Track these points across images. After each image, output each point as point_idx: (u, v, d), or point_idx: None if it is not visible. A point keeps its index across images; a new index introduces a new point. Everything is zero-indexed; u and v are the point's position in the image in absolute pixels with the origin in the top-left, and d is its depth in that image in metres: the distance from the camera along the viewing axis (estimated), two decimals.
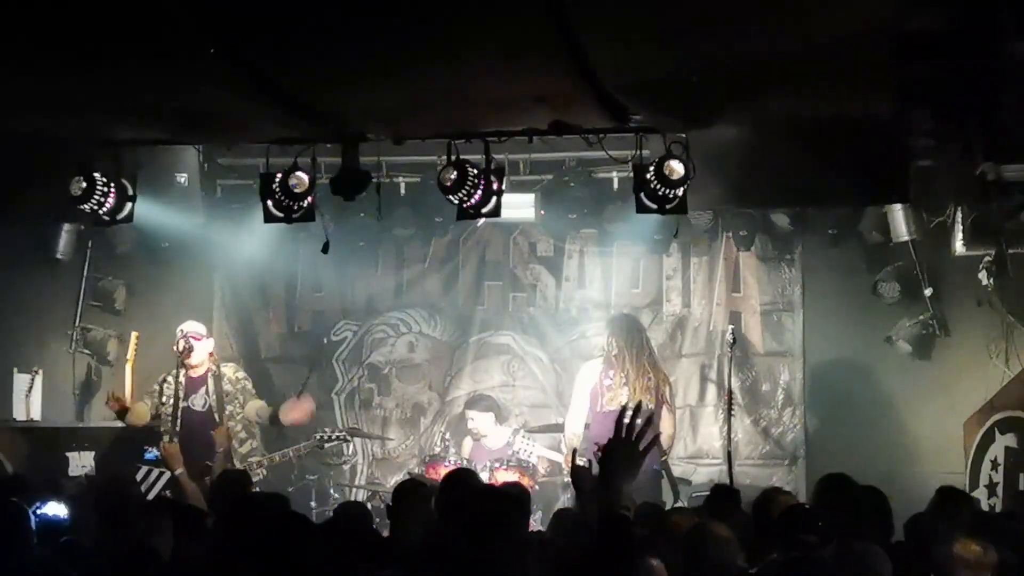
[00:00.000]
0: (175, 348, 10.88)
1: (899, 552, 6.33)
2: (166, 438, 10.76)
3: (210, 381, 11.00)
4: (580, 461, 8.43)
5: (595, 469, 4.40)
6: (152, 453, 10.60)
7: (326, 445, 11.22)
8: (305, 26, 6.93)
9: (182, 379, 10.92)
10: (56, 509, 6.57)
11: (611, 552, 4.04)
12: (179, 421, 10.78)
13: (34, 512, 6.50)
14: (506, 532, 4.61)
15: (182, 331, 10.99)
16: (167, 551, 6.18)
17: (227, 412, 10.91)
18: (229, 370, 11.17)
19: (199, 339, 11.03)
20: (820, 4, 6.88)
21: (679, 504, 10.21)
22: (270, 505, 6.23)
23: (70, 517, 6.86)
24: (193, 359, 10.94)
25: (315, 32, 7.01)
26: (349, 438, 11.64)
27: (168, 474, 10.71)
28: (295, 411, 11.05)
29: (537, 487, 10.83)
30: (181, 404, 10.84)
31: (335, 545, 5.67)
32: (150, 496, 10.59)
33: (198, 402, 10.93)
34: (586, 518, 4.47)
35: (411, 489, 7.44)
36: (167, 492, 10.68)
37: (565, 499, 10.77)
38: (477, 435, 11.53)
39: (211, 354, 11.19)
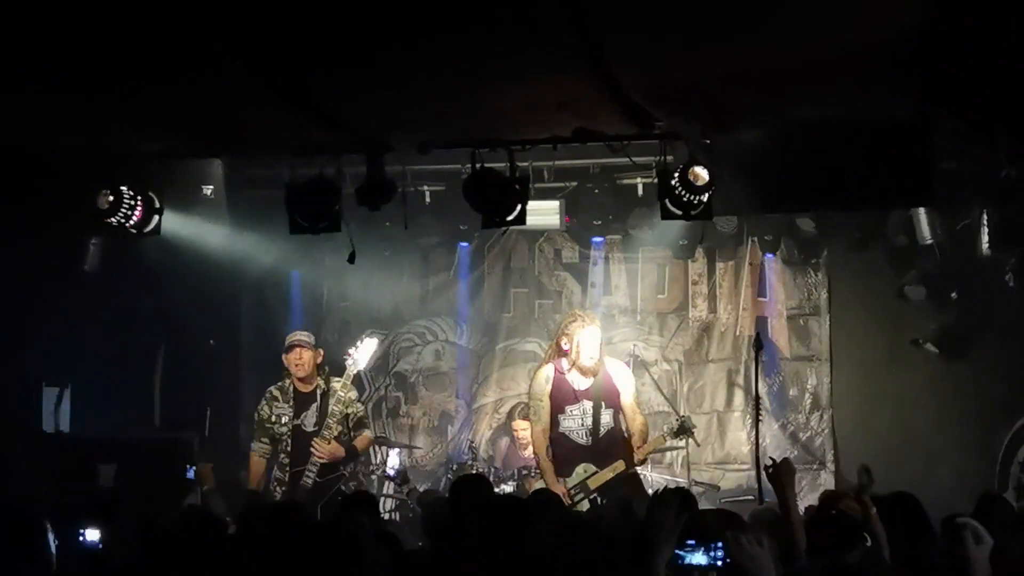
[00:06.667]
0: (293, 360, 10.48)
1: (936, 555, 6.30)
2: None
3: (318, 398, 10.49)
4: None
5: None
6: (191, 472, 10.59)
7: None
8: (330, 37, 6.97)
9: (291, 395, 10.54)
10: (95, 535, 6.51)
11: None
12: (290, 442, 10.44)
13: (79, 537, 6.46)
14: None
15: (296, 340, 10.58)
16: None
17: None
18: (337, 386, 10.54)
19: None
20: (843, 7, 6.89)
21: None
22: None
23: (103, 537, 6.82)
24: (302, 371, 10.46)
25: (340, 43, 7.05)
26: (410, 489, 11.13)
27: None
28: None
29: None
30: (293, 422, 10.45)
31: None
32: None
33: (309, 421, 10.48)
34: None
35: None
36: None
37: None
38: (526, 445, 11.09)
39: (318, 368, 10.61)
